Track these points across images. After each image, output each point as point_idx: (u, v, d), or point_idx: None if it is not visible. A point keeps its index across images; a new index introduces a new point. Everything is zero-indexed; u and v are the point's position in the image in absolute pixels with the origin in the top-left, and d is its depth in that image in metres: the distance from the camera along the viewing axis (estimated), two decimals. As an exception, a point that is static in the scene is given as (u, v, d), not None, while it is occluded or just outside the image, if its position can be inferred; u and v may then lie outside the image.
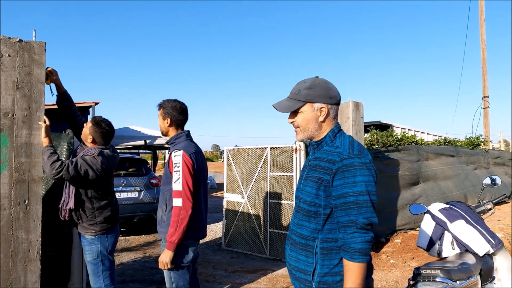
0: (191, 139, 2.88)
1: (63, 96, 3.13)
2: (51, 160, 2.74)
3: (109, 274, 3.02)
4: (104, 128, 3.07)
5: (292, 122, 1.85)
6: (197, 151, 2.78)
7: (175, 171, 2.63)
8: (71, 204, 2.92)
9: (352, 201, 1.61)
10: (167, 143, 2.90)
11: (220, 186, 16.74)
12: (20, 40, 2.60)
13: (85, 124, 3.12)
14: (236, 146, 7.00)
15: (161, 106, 2.87)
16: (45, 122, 2.70)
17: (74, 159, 2.89)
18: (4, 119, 2.51)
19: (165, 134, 2.90)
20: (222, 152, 38.74)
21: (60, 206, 2.98)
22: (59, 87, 3.09)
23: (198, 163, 2.74)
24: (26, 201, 2.55)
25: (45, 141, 2.72)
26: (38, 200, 2.59)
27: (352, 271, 1.58)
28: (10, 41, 2.56)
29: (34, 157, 2.60)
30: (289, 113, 1.85)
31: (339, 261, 1.67)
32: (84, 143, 3.13)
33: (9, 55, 2.55)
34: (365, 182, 1.62)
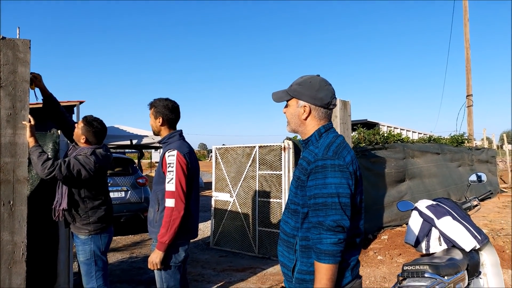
0: (184, 139, 2.85)
1: (48, 99, 3.07)
2: (41, 160, 2.69)
3: (102, 274, 2.99)
4: (96, 127, 3.03)
5: (284, 113, 1.91)
6: (190, 151, 2.76)
7: (168, 171, 2.60)
8: (64, 205, 2.88)
9: (321, 203, 1.62)
10: (159, 142, 2.87)
11: (207, 185, 16.67)
12: (4, 38, 2.53)
13: (76, 125, 3.06)
14: (224, 145, 6.98)
15: (152, 105, 2.84)
16: (30, 121, 2.64)
17: (66, 159, 2.85)
18: (-13, 118, 2.44)
19: (157, 133, 2.86)
20: (209, 151, 38.60)
21: (53, 206, 2.93)
22: (44, 90, 3.03)
23: (192, 163, 2.72)
24: (11, 202, 2.49)
25: (30, 141, 2.67)
26: (23, 200, 2.53)
27: (319, 271, 1.60)
28: (-7, 38, 2.49)
29: (19, 157, 2.54)
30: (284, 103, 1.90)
31: None
32: (76, 144, 3.08)
33: (-8, 53, 2.48)
34: (335, 184, 1.62)
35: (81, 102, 10.27)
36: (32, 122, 2.67)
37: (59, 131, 3.37)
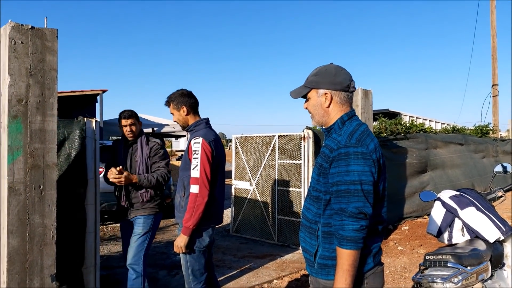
0: (210, 127, 2.89)
1: None
2: (154, 181, 3.33)
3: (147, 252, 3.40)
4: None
5: (306, 108, 1.91)
6: (216, 138, 2.79)
7: (194, 158, 2.65)
8: (151, 192, 3.39)
9: (343, 190, 1.64)
10: (186, 130, 2.91)
11: (227, 174, 16.79)
12: (33, 27, 2.60)
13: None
14: (242, 134, 7.01)
15: (169, 100, 2.88)
16: (122, 172, 3.20)
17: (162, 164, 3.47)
18: (18, 106, 2.53)
19: (186, 125, 2.88)
20: (228, 141, 38.77)
21: (141, 192, 3.36)
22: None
23: (217, 150, 2.76)
24: (41, 186, 2.59)
25: (134, 178, 3.26)
26: (52, 185, 2.63)
27: (341, 257, 1.62)
28: (22, 28, 2.56)
29: (48, 143, 2.63)
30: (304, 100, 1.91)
31: None
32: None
33: (22, 42, 2.56)
34: (358, 172, 1.63)
35: (104, 91, 10.47)
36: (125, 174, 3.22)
37: (85, 119, 3.47)
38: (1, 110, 2.61)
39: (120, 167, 3.24)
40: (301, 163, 5.92)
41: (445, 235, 3.01)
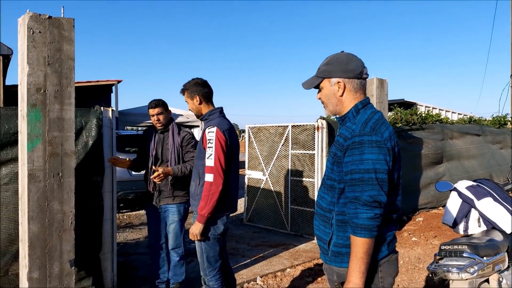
0: (224, 116, 2.90)
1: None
2: (187, 172, 3.43)
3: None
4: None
5: (319, 99, 1.90)
6: (230, 127, 2.81)
7: (208, 147, 2.67)
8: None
9: (358, 178, 1.63)
10: (201, 119, 2.93)
11: (240, 164, 16.87)
12: (50, 17, 2.63)
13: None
14: (255, 125, 7.02)
15: (184, 89, 2.91)
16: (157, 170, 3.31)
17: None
18: (37, 95, 2.58)
19: (200, 115, 2.90)
20: (241, 131, 38.83)
21: (171, 181, 3.49)
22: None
23: (231, 139, 2.77)
24: (60, 174, 2.64)
25: (170, 171, 3.37)
26: (71, 173, 2.68)
27: (355, 244, 1.62)
28: (40, 17, 2.60)
29: (66, 131, 2.68)
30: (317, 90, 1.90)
31: None
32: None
33: (39, 32, 2.59)
34: (372, 160, 1.62)
35: (119, 81, 10.57)
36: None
37: (102, 108, 3.51)
38: (20, 99, 2.67)
39: (153, 167, 3.41)
40: (314, 153, 5.90)
41: (461, 226, 2.98)
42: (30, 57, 2.54)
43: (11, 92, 9.33)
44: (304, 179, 6.09)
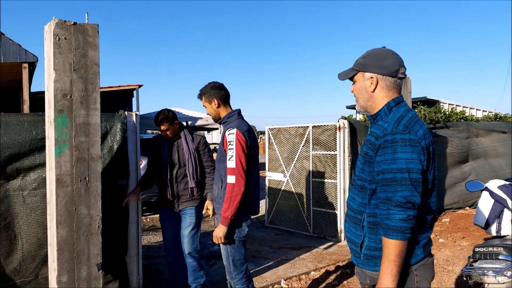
0: (242, 118, 2.89)
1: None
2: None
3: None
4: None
5: (352, 92, 1.86)
6: (249, 129, 2.80)
7: (229, 149, 2.66)
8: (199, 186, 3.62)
9: (390, 178, 1.57)
10: (219, 122, 2.92)
11: (260, 166, 16.86)
12: (75, 23, 2.67)
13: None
14: (275, 126, 6.98)
15: (201, 94, 2.91)
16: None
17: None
18: (64, 100, 2.61)
19: (218, 118, 2.89)
20: (260, 133, 38.86)
21: (192, 187, 3.55)
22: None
23: (251, 141, 2.76)
24: (87, 178, 2.67)
25: (209, 203, 3.52)
26: (97, 177, 2.71)
27: (387, 247, 1.57)
28: (65, 24, 2.64)
29: (92, 136, 2.71)
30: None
31: None
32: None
33: (65, 38, 2.63)
34: (405, 160, 1.56)
35: (139, 86, 10.70)
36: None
37: (126, 112, 3.55)
38: (47, 105, 2.71)
39: (207, 211, 3.55)
40: (336, 154, 5.83)
41: (493, 227, 2.88)
42: (56, 63, 2.58)
43: (37, 99, 9.56)
44: (326, 180, 6.02)
